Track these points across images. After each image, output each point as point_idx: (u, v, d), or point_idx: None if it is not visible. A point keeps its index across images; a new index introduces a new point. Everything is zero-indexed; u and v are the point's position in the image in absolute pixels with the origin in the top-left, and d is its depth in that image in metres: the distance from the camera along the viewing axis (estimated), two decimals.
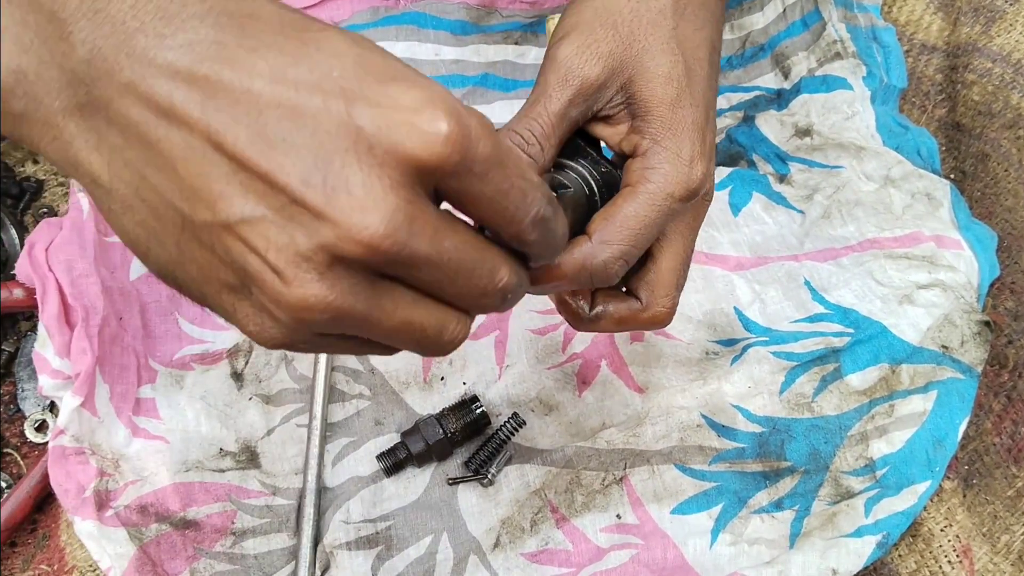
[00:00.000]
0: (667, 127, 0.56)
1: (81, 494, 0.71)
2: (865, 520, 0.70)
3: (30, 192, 0.85)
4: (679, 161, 0.55)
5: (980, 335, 0.76)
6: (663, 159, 0.55)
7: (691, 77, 0.57)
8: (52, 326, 0.74)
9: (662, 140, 0.55)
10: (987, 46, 0.87)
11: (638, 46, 0.56)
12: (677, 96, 0.56)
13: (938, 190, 0.81)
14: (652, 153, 0.55)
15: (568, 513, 0.72)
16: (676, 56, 0.56)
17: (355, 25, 0.89)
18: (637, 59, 0.56)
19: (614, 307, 0.59)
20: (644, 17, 0.56)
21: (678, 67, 0.56)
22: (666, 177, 0.55)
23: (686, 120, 0.56)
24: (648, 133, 0.56)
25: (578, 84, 0.55)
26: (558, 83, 0.55)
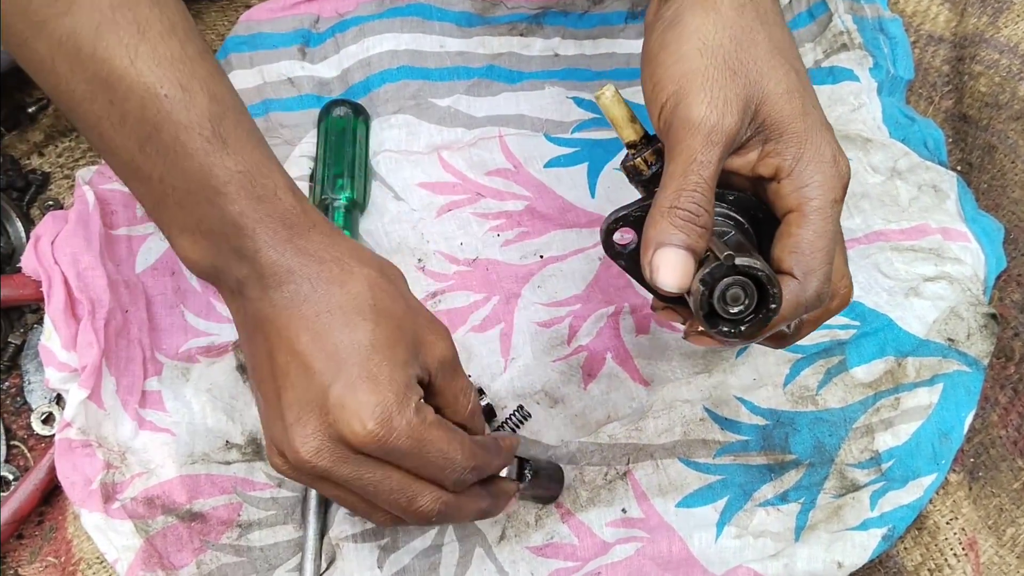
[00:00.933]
0: (803, 139, 0.56)
1: (88, 486, 0.71)
2: (870, 513, 0.70)
3: (36, 185, 0.85)
4: (827, 165, 0.56)
5: (986, 328, 0.76)
6: (814, 171, 0.56)
7: (802, 80, 0.57)
8: (58, 319, 0.74)
9: (804, 154, 0.56)
10: (994, 37, 0.87)
11: (754, 75, 0.56)
12: (803, 106, 0.56)
13: (945, 182, 0.81)
14: (800, 170, 0.56)
15: (573, 507, 0.72)
16: (786, 67, 0.56)
17: (360, 17, 0.89)
18: (758, 87, 0.56)
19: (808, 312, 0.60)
20: (743, 40, 0.56)
21: (791, 77, 0.56)
22: (824, 187, 0.56)
23: (816, 124, 0.56)
24: (788, 152, 0.56)
25: (724, 140, 0.55)
26: (705, 146, 0.54)
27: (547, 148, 0.86)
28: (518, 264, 0.82)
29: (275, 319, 0.57)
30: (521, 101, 0.88)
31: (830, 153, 0.56)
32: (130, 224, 0.81)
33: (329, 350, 0.56)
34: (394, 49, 0.88)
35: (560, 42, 0.90)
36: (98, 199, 0.79)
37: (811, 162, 0.56)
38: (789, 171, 0.56)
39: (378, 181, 0.85)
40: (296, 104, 0.87)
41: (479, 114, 0.87)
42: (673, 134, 0.56)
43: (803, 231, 0.55)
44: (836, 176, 0.56)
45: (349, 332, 0.56)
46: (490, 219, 0.83)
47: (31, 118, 0.89)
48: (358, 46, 0.88)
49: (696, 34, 0.56)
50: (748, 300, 0.53)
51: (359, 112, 0.85)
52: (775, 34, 0.58)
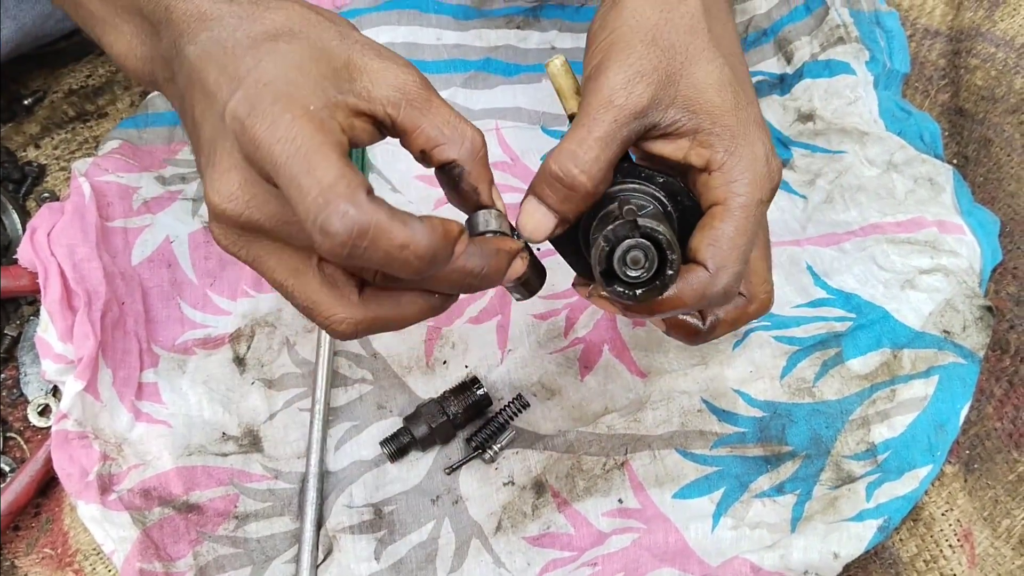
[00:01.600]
0: (736, 134, 0.55)
1: (84, 478, 0.71)
2: (866, 504, 0.70)
3: (32, 177, 0.85)
4: (758, 164, 0.55)
5: (982, 320, 0.76)
6: (744, 168, 0.55)
7: (737, 76, 0.57)
8: (54, 311, 0.74)
9: (736, 149, 0.55)
10: (990, 31, 0.87)
11: (680, 57, 0.55)
12: (735, 100, 0.55)
13: (941, 175, 0.81)
14: (730, 165, 0.55)
15: (570, 497, 0.72)
16: (720, 59, 0.56)
17: (357, 10, 0.89)
18: (684, 71, 0.55)
19: (723, 311, 0.61)
20: (679, 25, 0.56)
21: (724, 70, 0.56)
22: (752, 185, 0.55)
23: (750, 121, 0.56)
24: (719, 145, 0.55)
25: (624, 107, 0.54)
26: (601, 107, 0.54)
27: (544, 140, 0.86)
28: None
29: (192, 71, 0.52)
30: (518, 94, 0.88)
31: (763, 152, 0.56)
32: (126, 216, 0.81)
33: (235, 74, 0.49)
34: (391, 41, 0.88)
35: (557, 35, 0.90)
36: (94, 191, 0.79)
37: (743, 159, 0.55)
38: (720, 164, 0.55)
39: (375, 173, 0.84)
40: None
41: (476, 107, 0.87)
42: (583, 99, 0.56)
43: (724, 225, 0.55)
44: (766, 176, 0.56)
45: (253, 52, 0.50)
46: None
47: (27, 110, 0.89)
48: None
49: (632, 12, 0.56)
50: (648, 265, 0.53)
51: None
52: (716, 28, 0.57)
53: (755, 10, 0.92)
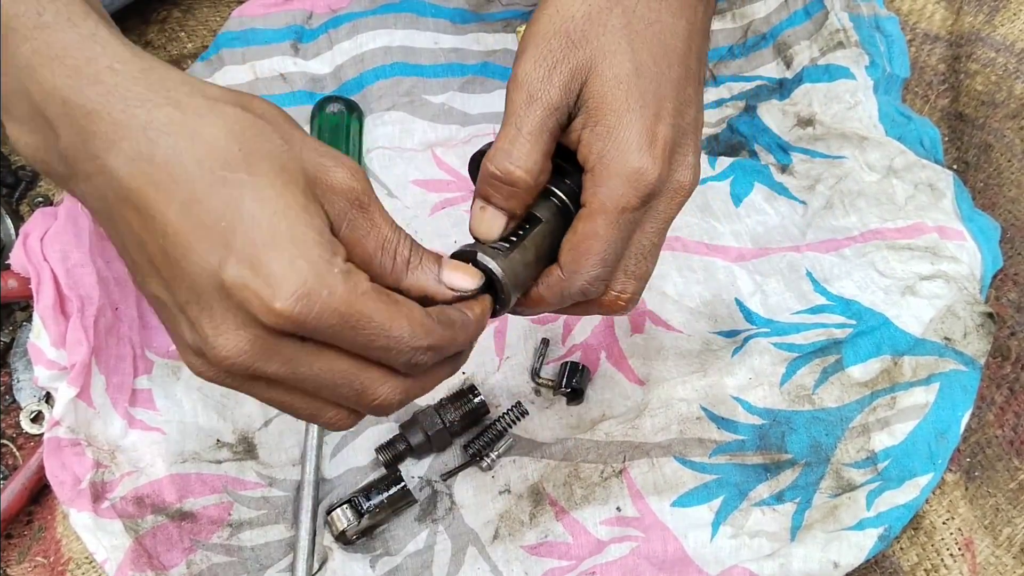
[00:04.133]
0: (611, 137, 0.54)
1: (77, 486, 0.70)
2: (867, 513, 0.69)
3: (25, 181, 0.85)
4: (626, 172, 0.54)
5: (983, 327, 0.75)
6: (611, 173, 0.54)
7: (641, 75, 0.55)
8: (47, 316, 0.74)
9: (607, 153, 0.54)
10: (990, 35, 0.87)
11: (589, 48, 0.55)
12: (625, 99, 0.54)
13: (941, 180, 0.81)
14: (599, 169, 0.54)
15: (567, 506, 0.71)
16: (628, 55, 0.55)
17: (353, 13, 0.88)
18: (590, 61, 0.55)
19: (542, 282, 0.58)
20: (596, 19, 0.55)
21: (626, 66, 0.55)
22: (615, 192, 0.54)
23: (632, 121, 0.54)
24: (595, 147, 0.55)
25: (543, 100, 0.54)
26: (524, 102, 0.54)
27: None
28: None
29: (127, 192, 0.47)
30: None
31: (636, 159, 0.54)
32: None
33: (206, 221, 0.45)
34: (388, 45, 0.88)
35: None
36: None
37: (612, 163, 0.54)
38: (592, 167, 0.55)
39: (372, 178, 0.84)
40: (289, 100, 0.87)
41: (473, 111, 0.87)
42: (508, 94, 0.56)
43: (584, 229, 0.55)
44: (634, 185, 0.54)
45: (222, 192, 0.46)
46: None
47: None
48: (351, 42, 0.88)
49: (555, 6, 0.56)
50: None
51: (352, 109, 0.85)
52: (636, 25, 0.56)
53: (754, 14, 0.91)
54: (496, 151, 0.54)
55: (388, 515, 0.71)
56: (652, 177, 0.54)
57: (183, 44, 0.91)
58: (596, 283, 0.56)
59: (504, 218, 0.56)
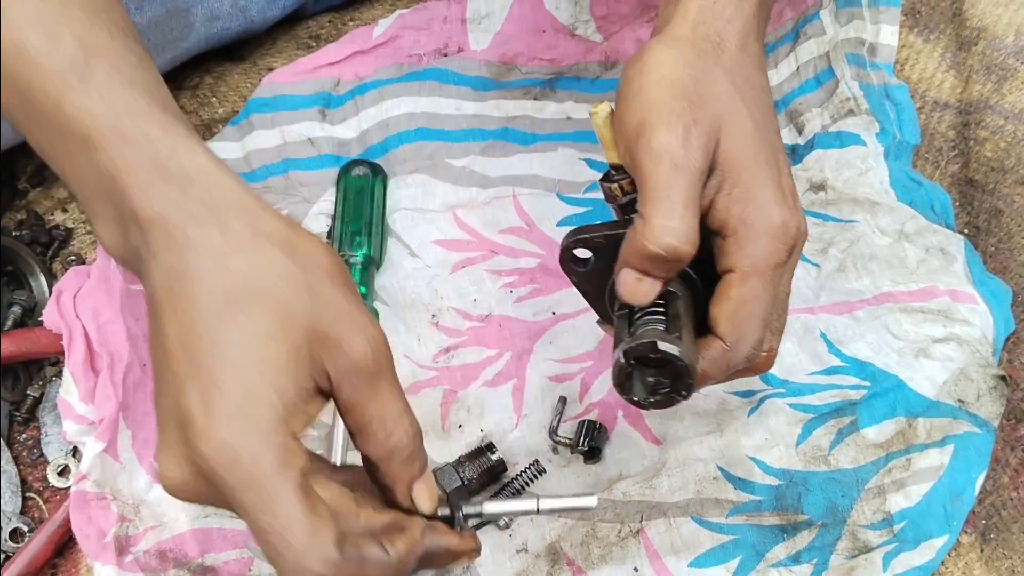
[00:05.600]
0: (750, 196, 0.54)
1: (102, 539, 0.71)
2: (883, 575, 0.69)
3: (59, 240, 0.87)
4: (770, 225, 0.53)
5: (996, 389, 0.76)
6: (759, 232, 0.53)
7: (759, 129, 0.55)
8: (77, 372, 0.75)
9: (750, 214, 0.53)
10: (999, 103, 0.89)
11: (712, 109, 0.54)
12: (755, 157, 0.54)
13: (952, 245, 0.82)
14: (743, 231, 0.54)
15: (585, 565, 0.72)
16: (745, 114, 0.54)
17: (379, 81, 0.91)
18: (718, 118, 0.54)
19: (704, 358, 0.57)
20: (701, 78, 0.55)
21: (749, 125, 0.54)
22: (767, 250, 0.54)
23: (765, 178, 0.54)
24: (734, 209, 0.54)
25: (691, 166, 0.53)
26: (670, 172, 0.53)
27: (560, 207, 0.87)
28: (531, 320, 0.83)
29: (154, 301, 0.49)
30: (535, 162, 0.90)
31: (777, 214, 0.54)
32: None
33: (191, 348, 0.47)
34: (412, 111, 0.90)
35: (573, 106, 0.92)
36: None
37: (757, 223, 0.54)
38: (734, 230, 0.54)
39: (394, 238, 0.86)
40: (316, 163, 0.89)
41: (494, 174, 0.89)
42: (639, 165, 0.54)
43: (741, 295, 0.54)
44: (781, 239, 0.54)
45: (215, 326, 0.47)
46: (503, 276, 0.85)
47: (55, 175, 0.91)
48: (377, 108, 0.91)
49: (656, 68, 0.55)
50: (663, 390, 0.54)
51: (377, 171, 0.87)
52: (737, 81, 0.56)
53: None
54: (656, 227, 0.53)
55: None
56: (795, 227, 0.55)
57: (215, 109, 0.94)
58: (759, 347, 0.56)
59: (660, 284, 0.55)
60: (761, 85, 0.58)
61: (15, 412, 0.80)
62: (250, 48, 0.97)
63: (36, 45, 0.50)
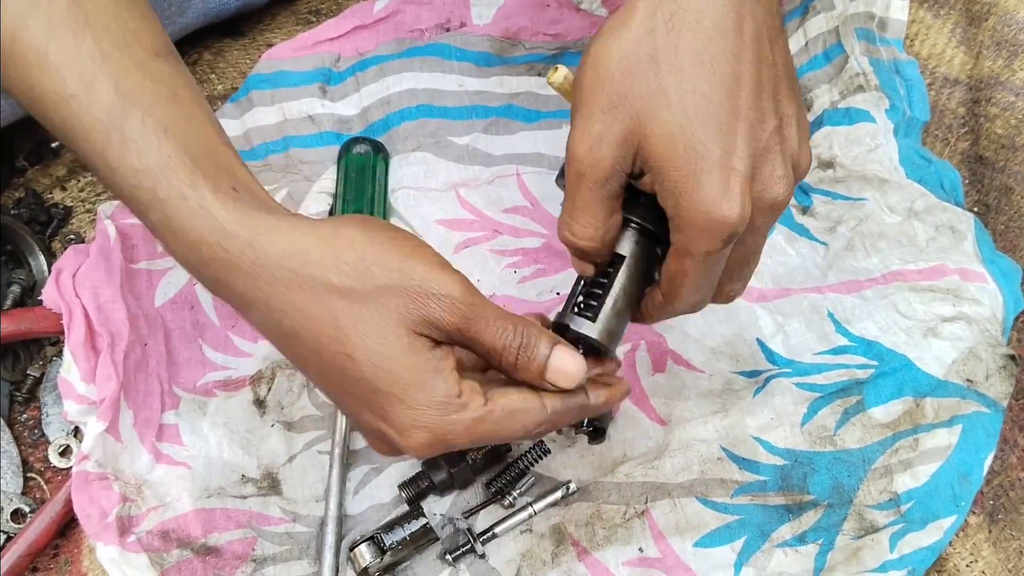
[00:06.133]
0: (680, 188, 0.54)
1: (104, 519, 0.71)
2: (890, 555, 0.69)
3: (58, 219, 0.86)
4: (701, 217, 0.54)
5: (1005, 369, 0.75)
6: (688, 224, 0.54)
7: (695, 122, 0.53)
8: (78, 352, 0.75)
9: (681, 204, 0.54)
10: (1010, 80, 0.88)
11: (632, 109, 0.54)
12: (683, 152, 0.53)
13: (962, 223, 0.81)
14: (677, 220, 0.55)
15: (589, 546, 0.71)
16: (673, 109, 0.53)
17: (380, 57, 0.90)
18: (639, 123, 0.54)
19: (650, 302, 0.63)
20: (635, 71, 0.54)
21: (675, 120, 0.53)
22: (696, 239, 0.55)
23: (697, 172, 0.53)
24: (668, 199, 0.55)
25: (591, 175, 0.56)
26: (575, 177, 0.57)
27: None
28: (534, 301, 0.82)
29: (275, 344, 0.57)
30: (539, 139, 0.89)
31: (712, 210, 0.53)
32: (150, 258, 0.82)
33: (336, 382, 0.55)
34: (413, 88, 0.89)
35: None
36: (119, 233, 0.80)
37: (687, 215, 0.54)
38: (671, 216, 0.56)
39: (396, 217, 0.85)
40: (316, 141, 0.89)
41: (497, 152, 0.88)
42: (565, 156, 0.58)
43: (675, 268, 0.58)
44: (713, 231, 0.54)
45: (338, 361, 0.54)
46: (507, 256, 0.84)
47: (54, 153, 0.90)
48: (378, 85, 0.89)
49: (593, 62, 0.55)
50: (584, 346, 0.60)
51: (379, 149, 0.86)
52: (682, 64, 0.53)
53: None
54: (559, 224, 0.59)
55: (410, 552, 0.71)
56: (732, 220, 0.54)
57: (213, 86, 0.93)
58: (698, 305, 0.62)
59: (591, 265, 0.61)
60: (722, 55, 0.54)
61: (16, 392, 0.79)
62: (249, 23, 0.96)
63: (74, 92, 0.54)
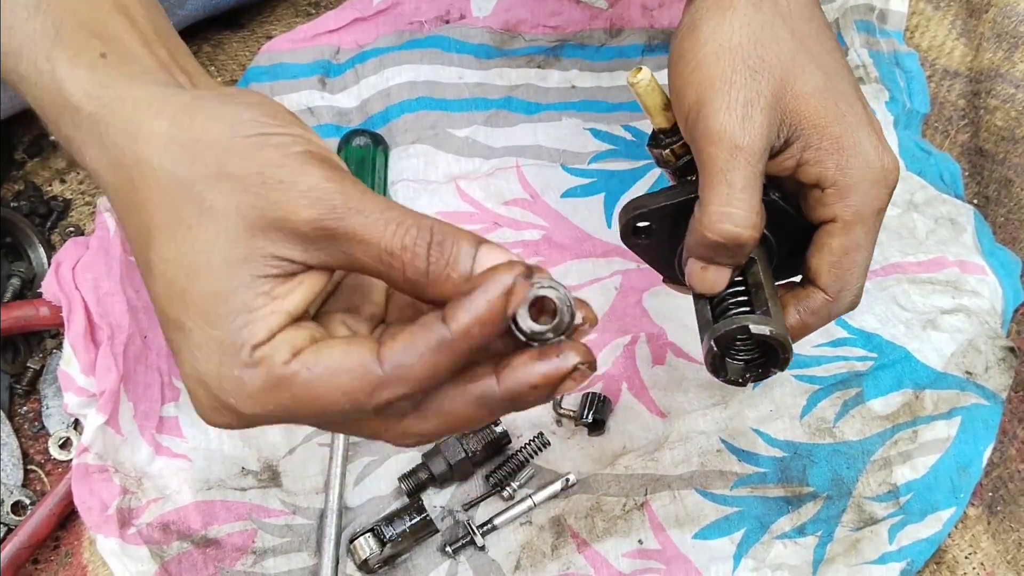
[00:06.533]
0: (843, 146, 0.52)
1: (104, 511, 0.71)
2: (889, 547, 0.69)
3: (57, 211, 0.86)
4: (872, 173, 0.52)
5: (1004, 361, 0.75)
6: (858, 180, 0.52)
7: (832, 76, 0.53)
8: (78, 344, 0.75)
9: (848, 162, 0.52)
10: (1010, 72, 0.87)
11: (777, 74, 0.52)
12: (837, 108, 0.52)
13: (961, 215, 0.81)
14: (844, 182, 0.53)
15: (589, 538, 0.72)
16: (813, 67, 0.52)
17: (380, 49, 0.90)
18: (784, 88, 0.53)
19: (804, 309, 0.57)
20: (762, 37, 0.52)
21: (818, 76, 0.52)
22: (869, 196, 0.53)
23: (856, 125, 0.52)
24: (829, 161, 0.53)
25: (751, 147, 0.52)
26: (728, 156, 0.52)
27: (564, 178, 0.86)
28: None
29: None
30: (538, 132, 0.89)
31: (876, 159, 0.53)
32: None
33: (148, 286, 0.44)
34: (413, 80, 0.89)
35: (577, 74, 0.90)
36: (118, 226, 0.80)
37: (855, 171, 0.52)
38: (833, 181, 0.53)
39: None
40: (316, 133, 0.88)
41: (497, 144, 0.88)
42: (698, 148, 0.53)
43: (844, 244, 0.54)
44: (883, 184, 0.53)
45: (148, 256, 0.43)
46: (507, 248, 0.84)
47: (53, 145, 0.90)
48: (377, 77, 0.89)
49: (712, 38, 0.53)
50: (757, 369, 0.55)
51: (378, 142, 0.86)
52: (800, 28, 0.54)
53: None
54: (713, 215, 0.52)
55: (410, 544, 0.71)
56: (894, 167, 0.53)
57: (213, 77, 0.92)
58: (859, 296, 0.56)
59: (729, 271, 0.55)
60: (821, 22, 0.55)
61: (16, 385, 0.79)
62: (248, 15, 0.95)
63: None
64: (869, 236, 0.54)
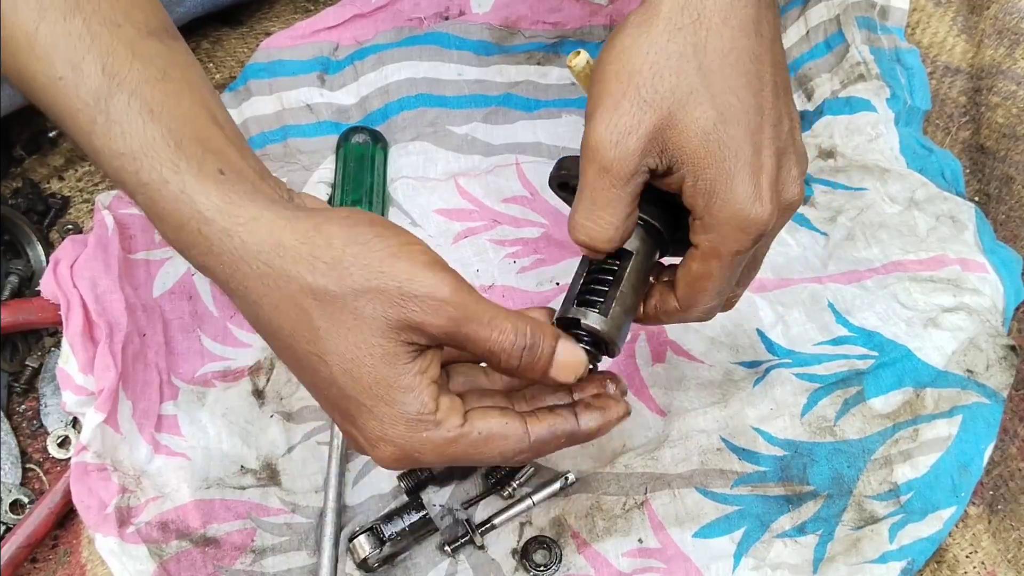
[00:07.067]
0: (714, 187, 0.54)
1: (103, 510, 0.71)
2: (889, 546, 0.69)
3: (55, 209, 0.86)
4: (736, 219, 0.54)
5: (1006, 359, 0.75)
6: (721, 222, 0.54)
7: (725, 118, 0.53)
8: (76, 342, 0.75)
9: (713, 203, 0.54)
10: (1011, 68, 0.87)
11: (665, 105, 0.54)
12: (717, 151, 0.53)
13: (963, 213, 0.81)
14: (708, 219, 0.55)
15: (589, 538, 0.71)
16: (707, 104, 0.53)
17: (379, 45, 0.90)
18: (671, 118, 0.54)
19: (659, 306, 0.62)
20: (665, 70, 0.54)
21: (709, 115, 0.53)
22: (728, 239, 0.55)
23: (732, 171, 0.53)
24: (699, 197, 0.54)
25: (616, 171, 0.54)
26: (596, 173, 0.55)
27: None
28: (534, 291, 0.82)
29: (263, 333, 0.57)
30: (538, 129, 0.88)
31: (745, 208, 0.54)
32: (148, 248, 0.81)
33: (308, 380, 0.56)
34: (412, 77, 0.89)
35: None
36: (117, 223, 0.80)
37: (721, 213, 0.54)
38: (700, 216, 0.55)
39: (395, 207, 0.85)
40: (315, 130, 0.88)
41: (496, 141, 0.88)
42: (581, 152, 0.56)
43: (698, 270, 0.57)
44: (746, 231, 0.54)
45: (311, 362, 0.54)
46: (507, 246, 0.84)
47: (52, 142, 0.89)
48: (377, 74, 0.89)
49: (620, 56, 0.55)
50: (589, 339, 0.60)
51: (377, 139, 0.86)
52: (711, 63, 0.54)
53: None
54: (575, 224, 0.57)
55: (410, 543, 0.71)
56: (764, 218, 0.55)
57: (211, 75, 0.92)
58: (712, 311, 0.60)
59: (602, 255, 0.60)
60: (747, 55, 0.54)
61: (14, 383, 0.79)
62: (247, 12, 0.95)
63: (62, 75, 0.54)
64: (723, 271, 0.56)
